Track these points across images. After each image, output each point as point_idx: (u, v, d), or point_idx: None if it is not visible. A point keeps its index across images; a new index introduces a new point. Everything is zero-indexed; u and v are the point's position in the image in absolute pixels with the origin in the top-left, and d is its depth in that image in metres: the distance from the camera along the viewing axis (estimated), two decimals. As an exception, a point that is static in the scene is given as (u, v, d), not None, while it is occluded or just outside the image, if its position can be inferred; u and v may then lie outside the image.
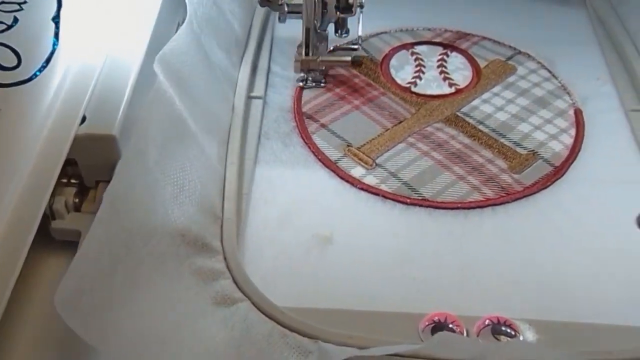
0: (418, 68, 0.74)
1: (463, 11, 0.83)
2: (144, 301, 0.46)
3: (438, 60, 0.76)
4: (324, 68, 0.72)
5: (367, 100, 0.70)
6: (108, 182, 0.53)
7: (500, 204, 0.60)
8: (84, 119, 0.53)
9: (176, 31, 0.69)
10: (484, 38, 0.79)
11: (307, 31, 0.69)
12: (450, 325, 0.50)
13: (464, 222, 0.59)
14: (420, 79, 0.73)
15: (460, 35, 0.79)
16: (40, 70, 0.54)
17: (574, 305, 0.52)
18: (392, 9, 0.82)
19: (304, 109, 0.69)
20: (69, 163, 0.52)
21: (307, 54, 0.70)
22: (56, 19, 0.59)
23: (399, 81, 0.73)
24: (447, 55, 0.76)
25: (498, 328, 0.50)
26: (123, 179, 0.48)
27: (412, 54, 0.77)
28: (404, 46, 0.77)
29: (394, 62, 0.75)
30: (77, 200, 0.54)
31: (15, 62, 0.54)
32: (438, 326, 0.50)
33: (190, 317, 0.48)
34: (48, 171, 0.49)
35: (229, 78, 0.68)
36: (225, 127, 0.64)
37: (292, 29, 0.71)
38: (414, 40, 0.78)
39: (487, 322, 0.51)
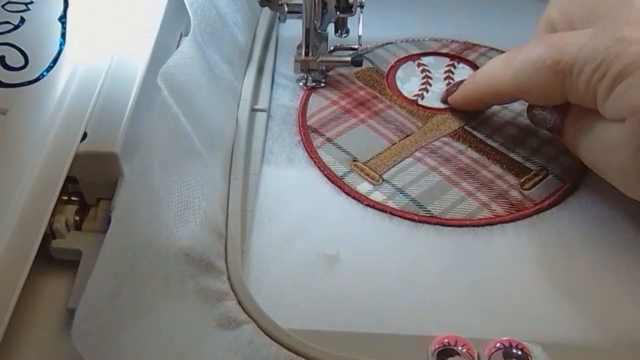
0: (425, 80, 0.73)
1: (470, 21, 0.81)
2: (147, 325, 0.45)
3: (445, 72, 0.74)
4: (324, 68, 0.72)
5: (373, 114, 0.69)
6: (109, 199, 0.53)
7: (510, 221, 0.59)
8: (85, 136, 0.51)
9: (178, 42, 0.68)
10: (492, 49, 0.77)
11: (307, 32, 0.68)
12: (461, 349, 0.49)
13: (473, 240, 0.58)
14: (427, 91, 0.72)
15: (468, 45, 0.78)
16: (47, 71, 0.54)
17: (589, 327, 0.51)
18: (397, 19, 0.81)
19: (309, 123, 0.68)
20: (70, 180, 0.51)
21: (306, 54, 0.69)
22: (63, 19, 0.58)
23: (405, 93, 0.72)
24: (454, 67, 0.75)
25: (510, 351, 0.49)
26: (128, 197, 0.47)
27: (419, 65, 0.75)
28: (410, 57, 0.76)
29: (400, 73, 0.74)
30: (77, 218, 0.52)
31: (22, 62, 0.54)
32: (448, 349, 0.49)
33: (194, 342, 0.46)
34: (48, 191, 0.48)
35: (232, 90, 0.67)
36: (229, 141, 0.62)
37: (297, 40, 0.70)
38: (420, 51, 0.77)
39: (498, 345, 0.49)
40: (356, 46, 0.72)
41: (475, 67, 0.75)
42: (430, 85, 0.73)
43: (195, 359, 0.45)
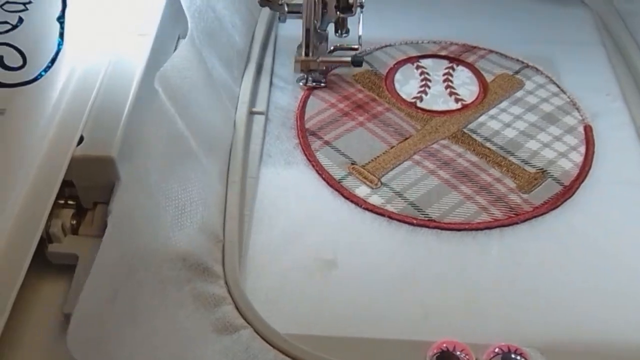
0: (423, 82, 0.73)
1: (469, 23, 0.81)
2: (143, 330, 0.45)
3: (444, 75, 0.74)
4: (324, 68, 0.71)
5: (372, 117, 0.69)
6: (106, 203, 0.52)
7: (509, 225, 0.59)
8: (81, 140, 0.51)
9: (176, 44, 0.68)
10: (491, 51, 0.77)
11: (307, 32, 0.68)
12: (459, 354, 0.49)
13: (471, 244, 0.57)
14: (426, 93, 0.72)
15: (467, 48, 0.77)
16: (45, 71, 0.54)
17: (588, 332, 0.51)
18: (396, 22, 0.81)
19: (307, 126, 0.67)
20: (66, 184, 0.51)
21: (307, 54, 0.69)
22: (61, 19, 0.58)
23: (404, 96, 0.71)
24: (453, 69, 0.75)
25: (508, 357, 0.49)
26: (125, 201, 0.46)
27: (418, 67, 0.75)
28: (409, 60, 0.76)
29: (398, 76, 0.74)
30: (74, 222, 0.52)
31: (20, 62, 0.54)
32: (446, 354, 0.49)
33: (191, 347, 0.46)
34: (44, 194, 0.48)
35: (230, 93, 0.66)
36: (227, 144, 0.62)
37: (295, 43, 0.70)
38: (419, 54, 0.77)
39: (497, 350, 0.49)
40: (356, 46, 0.72)
41: (474, 69, 0.74)
42: (429, 87, 0.72)
43: (192, 364, 0.45)
